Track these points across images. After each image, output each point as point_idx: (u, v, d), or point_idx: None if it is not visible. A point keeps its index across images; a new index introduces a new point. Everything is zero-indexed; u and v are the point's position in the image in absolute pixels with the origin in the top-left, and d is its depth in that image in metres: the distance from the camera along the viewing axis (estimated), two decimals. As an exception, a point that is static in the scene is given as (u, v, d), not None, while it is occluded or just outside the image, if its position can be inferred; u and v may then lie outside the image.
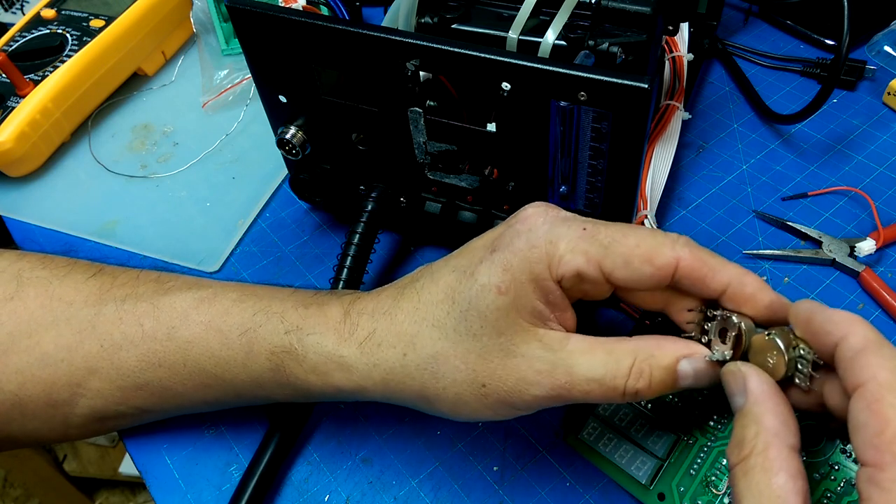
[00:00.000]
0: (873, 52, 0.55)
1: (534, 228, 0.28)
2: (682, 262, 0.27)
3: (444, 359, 0.29)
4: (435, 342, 0.29)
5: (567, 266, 0.27)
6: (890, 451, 0.21)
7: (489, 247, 0.29)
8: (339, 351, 0.31)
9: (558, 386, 0.28)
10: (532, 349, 0.28)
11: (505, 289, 0.28)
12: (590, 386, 0.27)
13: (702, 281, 0.27)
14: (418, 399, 0.30)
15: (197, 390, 0.34)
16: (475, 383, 0.28)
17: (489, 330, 0.28)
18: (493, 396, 0.28)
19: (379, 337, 0.30)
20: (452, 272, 0.30)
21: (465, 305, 0.28)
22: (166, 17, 0.61)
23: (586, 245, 0.27)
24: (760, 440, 0.24)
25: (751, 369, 0.26)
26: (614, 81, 0.30)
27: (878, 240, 0.43)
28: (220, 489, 0.36)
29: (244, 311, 0.33)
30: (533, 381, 0.28)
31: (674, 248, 0.27)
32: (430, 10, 0.39)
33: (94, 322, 0.33)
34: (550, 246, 0.28)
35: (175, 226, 0.50)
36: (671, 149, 0.47)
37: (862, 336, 0.24)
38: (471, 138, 0.37)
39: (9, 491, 1.20)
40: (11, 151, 0.51)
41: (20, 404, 0.33)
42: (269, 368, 0.32)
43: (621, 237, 0.28)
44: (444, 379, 0.29)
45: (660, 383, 0.28)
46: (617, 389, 0.27)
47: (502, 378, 0.28)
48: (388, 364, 0.30)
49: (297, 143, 0.41)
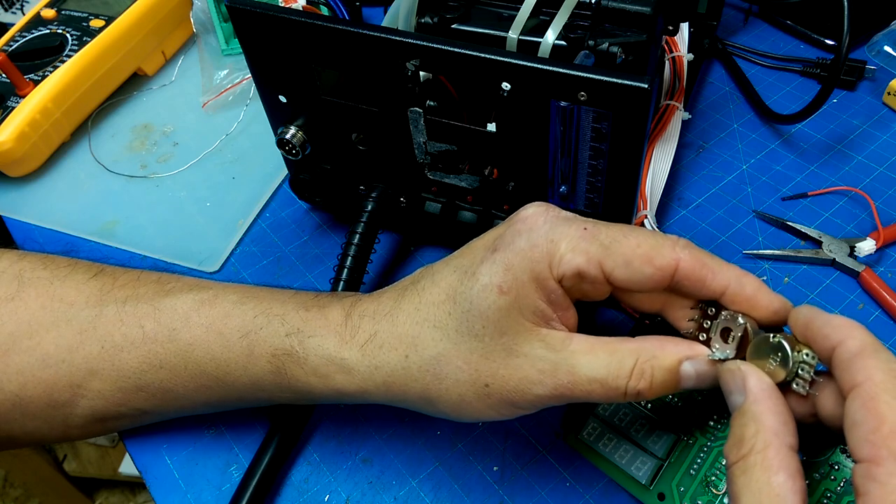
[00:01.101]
0: (873, 52, 0.55)
1: (535, 228, 0.28)
2: (682, 263, 0.27)
3: (447, 360, 0.29)
4: (437, 343, 0.29)
5: (568, 265, 0.27)
6: (886, 446, 0.21)
7: (490, 247, 0.29)
8: (341, 353, 0.31)
9: (560, 386, 0.28)
10: (534, 349, 0.28)
11: (507, 288, 0.28)
12: (592, 386, 0.27)
13: (702, 282, 0.27)
14: (421, 401, 0.30)
15: (198, 392, 0.34)
16: (478, 384, 0.29)
17: (491, 330, 0.28)
18: (496, 396, 0.29)
19: (380, 339, 0.30)
20: (454, 272, 0.30)
21: (467, 306, 0.28)
22: (166, 17, 0.61)
23: (587, 245, 0.27)
24: (760, 439, 0.24)
25: (750, 368, 0.26)
26: (614, 81, 0.30)
27: (878, 240, 0.43)
28: (220, 489, 0.36)
29: (245, 314, 0.33)
30: (536, 381, 0.28)
31: (674, 250, 0.27)
32: (430, 10, 0.39)
33: (94, 323, 0.33)
34: (551, 245, 0.28)
35: (175, 226, 0.50)
36: (671, 149, 0.47)
37: (860, 340, 0.24)
38: (471, 138, 0.37)
39: (9, 491, 1.20)
40: (11, 151, 0.51)
41: (21, 405, 0.33)
42: (270, 371, 0.32)
43: (622, 237, 0.28)
44: (446, 380, 0.29)
45: (661, 384, 0.28)
46: (619, 390, 0.27)
47: (505, 378, 0.28)
48: (390, 366, 0.30)
49: (297, 143, 0.41)
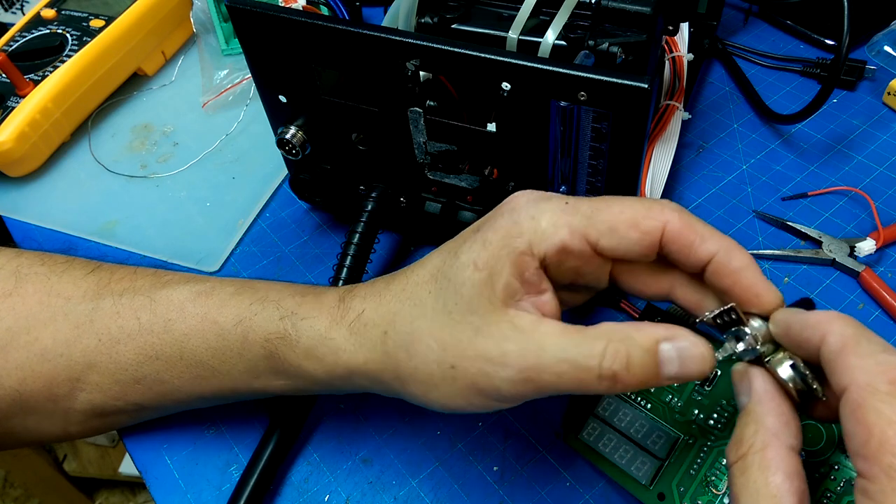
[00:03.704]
0: (873, 52, 0.55)
1: (517, 208, 0.28)
2: (669, 225, 0.26)
3: (419, 336, 0.28)
4: (413, 320, 0.28)
5: (551, 240, 0.27)
6: (877, 461, 0.21)
7: (475, 228, 0.29)
8: (330, 333, 0.31)
9: (527, 367, 0.26)
10: (501, 329, 0.26)
11: (482, 265, 0.27)
12: (561, 367, 0.25)
13: (689, 247, 0.26)
14: (394, 380, 0.29)
15: (193, 383, 0.34)
16: (444, 364, 0.27)
17: (463, 307, 0.27)
18: (462, 380, 0.27)
19: (366, 317, 0.30)
20: (439, 255, 0.30)
21: (445, 283, 0.28)
22: (166, 17, 0.61)
23: (569, 217, 0.27)
24: (759, 438, 0.24)
25: (757, 371, 0.26)
26: (614, 81, 0.30)
27: (878, 240, 0.43)
28: (220, 489, 0.36)
29: (241, 303, 0.33)
30: (500, 363, 0.26)
31: (662, 212, 0.26)
32: (430, 10, 0.39)
33: (91, 317, 0.34)
34: (533, 222, 0.27)
35: (175, 226, 0.50)
36: (671, 149, 0.47)
37: (839, 335, 0.23)
38: (471, 138, 0.37)
39: (9, 491, 1.20)
40: (11, 151, 0.51)
41: (21, 400, 0.33)
42: (263, 356, 0.32)
43: (605, 206, 0.27)
44: (415, 357, 0.28)
45: (641, 367, 0.25)
46: (591, 371, 0.25)
47: (471, 359, 0.27)
48: (371, 343, 0.29)
49: (297, 143, 0.41)
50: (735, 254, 0.26)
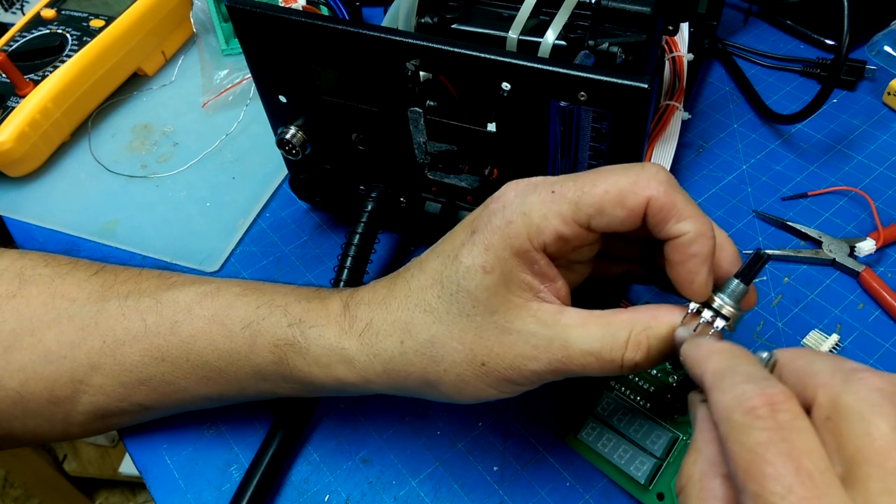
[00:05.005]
0: (873, 52, 0.55)
1: (507, 204, 0.28)
2: (652, 200, 0.27)
3: (441, 342, 0.29)
4: (429, 326, 0.29)
5: (546, 233, 0.27)
6: (744, 491, 0.20)
7: (468, 229, 0.29)
8: (341, 343, 0.31)
9: (556, 360, 0.28)
10: (527, 325, 0.28)
11: (490, 268, 0.28)
12: (587, 359, 0.27)
13: (664, 222, 0.27)
14: (422, 384, 0.30)
15: (200, 384, 0.34)
16: (474, 362, 0.29)
17: (482, 309, 0.28)
18: (494, 374, 0.29)
19: (376, 327, 0.30)
20: (437, 258, 0.30)
21: (455, 288, 0.29)
22: (166, 17, 0.61)
23: (557, 207, 0.27)
24: (697, 468, 0.23)
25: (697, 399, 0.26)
26: (614, 81, 0.30)
27: (878, 240, 0.43)
28: (220, 489, 0.36)
29: (248, 305, 0.33)
30: (530, 357, 0.28)
31: (648, 185, 0.27)
32: (430, 10, 0.39)
33: (96, 318, 0.34)
34: (525, 218, 0.28)
35: (175, 226, 0.50)
36: (671, 149, 0.47)
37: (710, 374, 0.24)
38: (471, 138, 0.37)
39: (9, 491, 1.20)
40: (11, 151, 0.51)
41: (22, 401, 0.33)
42: (272, 361, 0.32)
43: (591, 187, 0.27)
44: (443, 361, 0.29)
45: (658, 354, 0.28)
46: (615, 362, 0.27)
47: (500, 355, 0.28)
48: (388, 353, 0.30)
49: (297, 143, 0.41)
50: (700, 241, 0.27)
